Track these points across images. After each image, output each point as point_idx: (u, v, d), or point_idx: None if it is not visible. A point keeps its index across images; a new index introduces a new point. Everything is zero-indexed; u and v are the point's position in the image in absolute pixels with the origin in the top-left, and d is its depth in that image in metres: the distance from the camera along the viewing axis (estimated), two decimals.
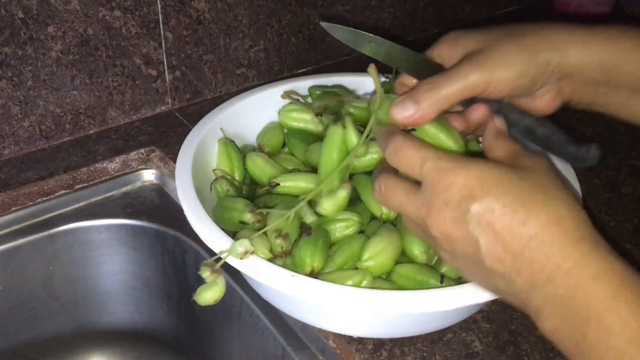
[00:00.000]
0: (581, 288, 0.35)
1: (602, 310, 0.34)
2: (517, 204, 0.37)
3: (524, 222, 0.37)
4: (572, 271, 0.36)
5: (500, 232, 0.38)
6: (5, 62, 0.66)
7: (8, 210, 0.65)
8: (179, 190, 0.52)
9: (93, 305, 0.71)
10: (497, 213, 0.38)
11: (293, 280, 0.44)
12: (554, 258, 0.36)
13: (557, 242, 0.37)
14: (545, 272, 0.37)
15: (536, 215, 0.37)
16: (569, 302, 0.36)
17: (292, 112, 0.63)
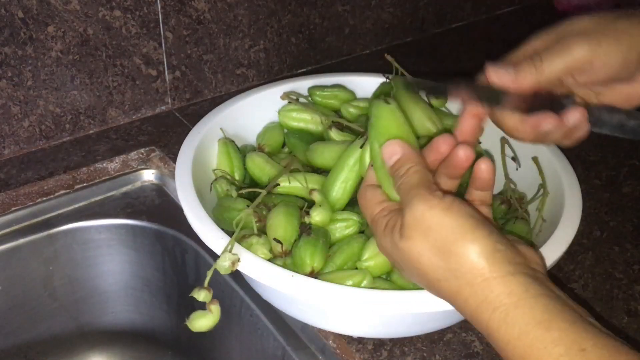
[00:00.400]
0: (502, 351, 0.37)
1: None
2: (430, 288, 0.41)
3: (440, 295, 0.40)
4: (489, 338, 0.37)
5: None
6: (5, 62, 0.66)
7: (8, 210, 0.65)
8: (179, 190, 0.52)
9: (93, 305, 0.71)
10: (425, 287, 0.42)
11: (293, 280, 0.44)
12: (475, 322, 0.38)
13: (465, 312, 0.39)
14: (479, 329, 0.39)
15: (443, 292, 0.40)
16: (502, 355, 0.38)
17: (292, 112, 0.63)
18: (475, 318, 0.38)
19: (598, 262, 0.62)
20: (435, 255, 0.38)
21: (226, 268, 0.45)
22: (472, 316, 0.38)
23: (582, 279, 0.60)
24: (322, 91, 0.65)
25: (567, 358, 0.33)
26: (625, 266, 0.61)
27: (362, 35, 0.95)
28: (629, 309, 0.57)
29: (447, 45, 1.02)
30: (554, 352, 0.34)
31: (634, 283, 0.60)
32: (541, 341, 0.34)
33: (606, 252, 0.63)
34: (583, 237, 0.64)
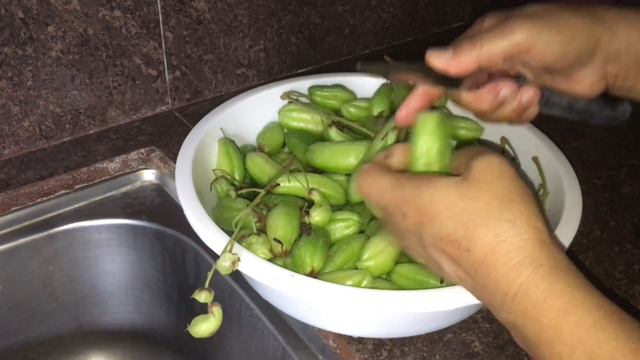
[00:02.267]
0: (528, 316, 0.36)
1: (549, 336, 0.35)
2: (459, 230, 0.38)
3: (468, 249, 0.38)
4: (518, 298, 0.36)
5: (454, 258, 0.39)
6: (5, 62, 0.66)
7: (8, 210, 0.65)
8: (179, 190, 0.52)
9: (93, 305, 0.71)
10: (445, 240, 0.39)
11: (293, 280, 0.44)
12: (501, 285, 0.37)
13: (500, 267, 0.37)
14: (498, 297, 0.37)
15: (477, 240, 0.37)
16: (522, 329, 0.37)
17: (292, 112, 0.63)
18: (511, 273, 0.36)
19: (598, 262, 0.62)
20: (495, 199, 0.38)
21: (226, 268, 0.45)
22: (506, 272, 0.36)
23: None
24: (322, 91, 0.65)
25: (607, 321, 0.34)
26: (625, 266, 0.61)
27: (362, 35, 0.95)
28: (629, 309, 0.57)
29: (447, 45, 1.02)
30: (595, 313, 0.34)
31: (634, 283, 0.60)
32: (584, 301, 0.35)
33: (606, 252, 0.63)
34: (583, 237, 0.64)
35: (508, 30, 0.43)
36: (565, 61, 0.44)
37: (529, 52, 0.43)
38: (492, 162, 0.39)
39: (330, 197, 0.55)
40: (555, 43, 0.43)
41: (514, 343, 0.53)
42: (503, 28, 0.43)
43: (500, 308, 0.38)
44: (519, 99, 0.47)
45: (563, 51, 0.43)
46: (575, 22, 0.43)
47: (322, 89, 0.65)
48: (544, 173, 0.58)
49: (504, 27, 0.43)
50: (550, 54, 0.43)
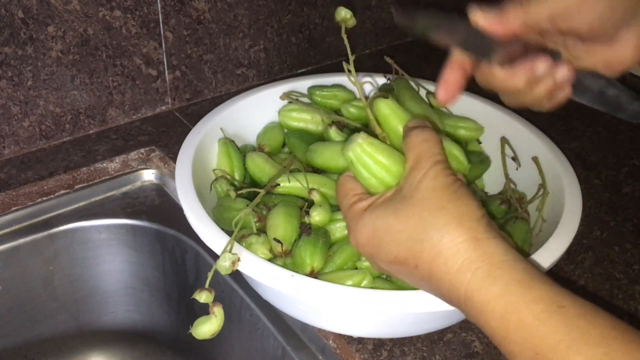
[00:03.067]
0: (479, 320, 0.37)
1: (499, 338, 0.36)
2: (402, 250, 0.40)
3: (416, 266, 0.40)
4: (467, 304, 0.38)
5: (409, 275, 0.41)
6: (5, 62, 0.66)
7: (8, 210, 0.65)
8: (179, 190, 0.52)
9: (93, 305, 0.71)
10: (394, 263, 0.41)
11: (293, 280, 0.44)
12: (452, 292, 0.38)
13: (444, 277, 0.38)
14: (455, 303, 0.39)
15: (419, 256, 0.39)
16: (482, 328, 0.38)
17: (292, 112, 0.63)
18: (454, 281, 0.38)
19: (598, 262, 0.62)
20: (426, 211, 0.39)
21: (226, 268, 0.45)
22: (451, 281, 0.38)
23: (582, 279, 0.60)
24: (322, 91, 0.65)
25: (547, 314, 0.34)
26: (625, 266, 0.61)
27: (362, 35, 0.95)
28: (629, 309, 0.57)
29: None
30: (534, 308, 0.35)
31: (634, 283, 0.60)
32: (522, 299, 0.35)
33: (606, 252, 0.63)
34: (583, 237, 0.64)
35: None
36: (611, 23, 0.43)
37: (578, 12, 0.42)
38: (426, 175, 0.41)
39: (330, 197, 0.55)
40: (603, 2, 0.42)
41: None
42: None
43: (462, 310, 0.39)
44: (555, 77, 0.45)
45: (611, 10, 0.42)
46: None
47: (322, 88, 0.65)
48: (544, 173, 0.58)
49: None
50: (598, 13, 0.42)
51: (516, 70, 0.44)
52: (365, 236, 0.42)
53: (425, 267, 0.39)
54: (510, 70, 0.45)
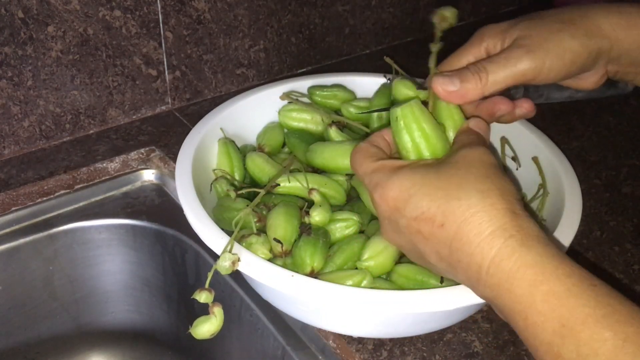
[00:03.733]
0: (502, 288, 0.36)
1: (522, 307, 0.35)
2: (433, 206, 0.39)
3: (442, 225, 0.38)
4: (491, 270, 0.37)
5: (428, 237, 0.40)
6: (5, 62, 0.66)
7: (8, 210, 0.65)
8: (179, 190, 0.52)
9: (93, 305, 0.71)
10: (419, 220, 0.39)
11: (293, 280, 0.44)
12: (475, 257, 0.37)
13: (472, 240, 0.37)
14: (473, 271, 0.38)
15: (450, 214, 0.38)
16: (498, 300, 0.37)
17: (292, 112, 0.63)
18: (484, 244, 0.37)
19: (598, 262, 0.62)
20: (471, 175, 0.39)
21: (226, 268, 0.45)
22: (480, 244, 0.37)
23: None
24: (322, 91, 0.65)
25: (578, 288, 0.34)
26: (625, 266, 0.61)
27: (362, 35, 0.95)
28: None
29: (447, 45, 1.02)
30: (566, 281, 0.34)
31: (634, 283, 0.60)
32: (554, 271, 0.35)
33: (606, 252, 0.63)
34: (583, 237, 0.64)
35: (511, 61, 0.44)
36: (568, 77, 0.46)
37: (533, 80, 0.45)
38: (475, 150, 0.41)
39: (330, 197, 0.55)
40: (558, 69, 0.44)
41: (514, 343, 0.53)
42: (506, 58, 0.44)
43: (477, 282, 0.38)
44: (514, 114, 0.49)
45: (566, 73, 0.45)
46: (575, 46, 0.44)
47: (322, 88, 0.65)
48: (544, 173, 0.58)
49: (507, 57, 0.44)
50: (553, 77, 0.45)
51: (480, 110, 0.48)
52: (396, 189, 0.41)
53: (452, 226, 0.38)
54: (475, 109, 0.48)
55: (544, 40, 0.44)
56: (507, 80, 0.44)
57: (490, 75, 0.44)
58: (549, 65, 0.44)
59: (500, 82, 0.44)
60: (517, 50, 0.44)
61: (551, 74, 0.44)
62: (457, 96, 0.45)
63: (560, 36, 0.44)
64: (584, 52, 0.44)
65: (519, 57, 0.44)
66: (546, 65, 0.44)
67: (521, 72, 0.44)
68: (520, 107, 0.48)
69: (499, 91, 0.46)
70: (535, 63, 0.44)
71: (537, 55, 0.44)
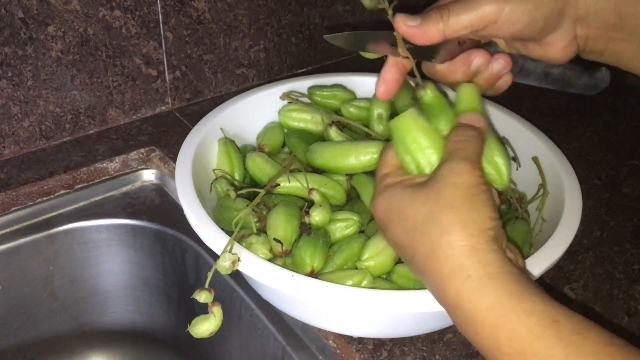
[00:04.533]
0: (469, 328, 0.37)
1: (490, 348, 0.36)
2: (405, 237, 0.40)
3: (413, 256, 0.40)
4: (456, 310, 0.37)
5: (407, 262, 0.42)
6: (5, 62, 0.66)
7: (8, 210, 0.65)
8: (179, 190, 0.52)
9: (93, 305, 0.71)
10: (397, 246, 0.42)
11: (293, 280, 0.44)
12: (442, 293, 0.38)
13: (435, 276, 0.38)
14: (444, 304, 0.39)
15: (417, 248, 0.39)
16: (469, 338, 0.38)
17: (292, 112, 0.63)
18: (444, 285, 0.37)
19: (598, 262, 0.62)
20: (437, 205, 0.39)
21: (226, 268, 0.45)
22: (440, 283, 0.38)
23: (582, 279, 0.60)
24: (322, 91, 0.65)
25: (540, 328, 0.34)
26: (625, 266, 0.61)
27: None
28: (629, 309, 0.57)
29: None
30: (527, 321, 0.34)
31: (634, 283, 0.60)
32: (514, 311, 0.35)
33: (606, 252, 0.63)
34: (583, 237, 0.64)
35: (474, 3, 0.43)
36: (533, 28, 0.44)
37: (495, 22, 0.44)
38: (452, 169, 0.40)
39: (330, 197, 0.55)
40: (521, 12, 0.43)
41: None
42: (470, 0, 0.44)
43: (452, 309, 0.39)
44: (492, 68, 0.48)
45: (530, 19, 0.44)
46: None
47: (322, 88, 0.65)
48: (544, 173, 0.58)
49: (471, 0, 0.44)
50: (517, 23, 0.44)
51: (455, 65, 0.47)
52: (380, 210, 0.42)
53: (420, 260, 0.39)
54: (450, 65, 0.48)
55: None
56: (469, 21, 0.44)
57: (452, 15, 0.44)
58: (511, 7, 0.43)
59: (462, 24, 0.44)
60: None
61: (514, 17, 0.43)
62: (419, 33, 0.44)
63: None
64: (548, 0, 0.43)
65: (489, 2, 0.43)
66: (509, 5, 0.43)
67: (483, 13, 0.43)
68: (497, 60, 0.47)
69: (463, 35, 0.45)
70: (498, 3, 0.43)
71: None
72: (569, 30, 0.45)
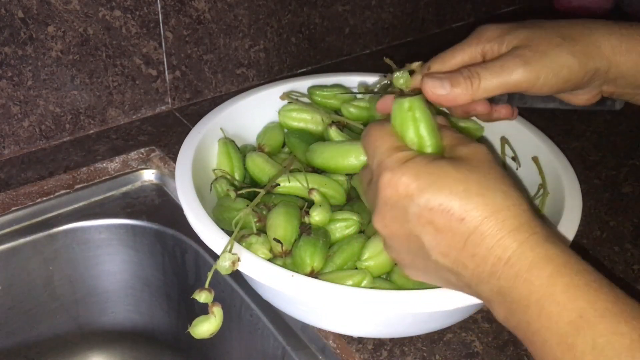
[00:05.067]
0: (520, 278, 0.36)
1: (540, 297, 0.35)
2: (453, 200, 0.37)
3: (462, 219, 0.37)
4: (511, 261, 0.36)
5: (442, 230, 0.38)
6: (5, 62, 0.66)
7: (8, 210, 0.65)
8: (179, 190, 0.52)
9: (93, 305, 0.71)
10: (435, 211, 0.38)
11: (293, 280, 0.44)
12: (494, 250, 0.37)
13: (495, 234, 0.37)
14: (488, 264, 0.37)
15: (473, 209, 0.37)
16: (512, 292, 0.36)
17: (292, 112, 0.63)
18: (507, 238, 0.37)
19: (598, 262, 0.62)
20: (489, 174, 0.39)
21: (226, 268, 0.45)
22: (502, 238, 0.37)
23: None
24: (322, 91, 0.65)
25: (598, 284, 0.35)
26: (625, 266, 0.61)
27: (362, 35, 0.95)
28: None
29: (447, 45, 1.02)
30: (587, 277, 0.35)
31: (634, 283, 0.60)
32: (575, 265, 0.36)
33: (606, 252, 0.63)
34: (583, 237, 0.64)
35: (507, 72, 0.44)
36: (561, 91, 0.46)
37: (525, 91, 0.45)
38: (479, 149, 0.40)
39: (330, 197, 0.55)
40: (552, 84, 0.44)
41: (514, 343, 0.53)
42: (501, 67, 0.44)
43: (488, 277, 0.37)
44: (489, 116, 0.49)
45: (559, 88, 0.45)
46: (572, 64, 0.44)
47: (322, 88, 0.65)
48: (544, 173, 0.58)
49: (502, 66, 0.44)
50: (546, 91, 0.45)
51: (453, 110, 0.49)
52: (411, 176, 0.39)
53: (473, 221, 0.37)
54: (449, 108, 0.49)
55: (542, 53, 0.44)
56: (499, 88, 0.44)
57: (482, 81, 0.44)
58: (543, 79, 0.44)
59: (491, 90, 0.44)
60: (514, 60, 0.44)
61: (544, 88, 0.44)
62: (446, 100, 0.44)
63: (558, 51, 0.44)
64: (580, 70, 0.44)
65: (514, 68, 0.44)
66: (541, 79, 0.44)
67: (514, 82, 0.44)
68: (499, 111, 0.49)
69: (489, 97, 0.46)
70: (530, 76, 0.44)
71: (533, 68, 0.44)
72: (596, 89, 0.47)
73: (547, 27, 0.46)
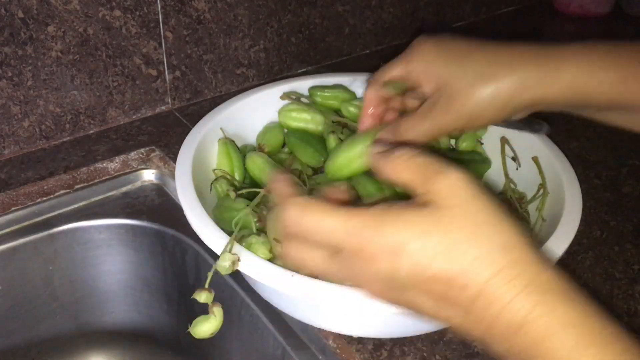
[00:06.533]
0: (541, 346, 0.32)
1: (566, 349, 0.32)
2: (449, 265, 0.33)
3: (464, 285, 0.33)
4: (524, 328, 0.33)
5: (443, 296, 0.34)
6: (5, 62, 0.66)
7: (8, 210, 0.65)
8: (179, 190, 0.52)
9: (93, 305, 0.71)
10: (432, 281, 0.34)
11: (293, 280, 0.44)
12: (503, 316, 0.33)
13: (501, 298, 0.33)
14: (497, 329, 0.34)
15: (473, 274, 0.33)
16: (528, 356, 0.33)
17: (292, 112, 0.63)
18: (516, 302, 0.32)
19: (598, 262, 0.62)
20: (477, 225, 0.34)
21: (226, 268, 0.45)
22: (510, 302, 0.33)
23: (582, 279, 0.60)
24: (322, 91, 0.65)
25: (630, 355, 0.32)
26: (625, 266, 0.61)
27: (362, 35, 0.95)
28: (629, 309, 0.57)
29: None
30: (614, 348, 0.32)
31: (634, 283, 0.60)
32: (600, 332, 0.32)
33: (606, 252, 0.63)
34: (583, 237, 0.64)
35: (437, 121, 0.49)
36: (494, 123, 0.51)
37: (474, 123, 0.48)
38: (455, 184, 0.35)
39: None
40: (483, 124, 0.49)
41: None
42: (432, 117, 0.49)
43: (499, 341, 0.34)
44: None
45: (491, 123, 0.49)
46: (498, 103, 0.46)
47: (323, 89, 0.65)
48: (544, 173, 0.58)
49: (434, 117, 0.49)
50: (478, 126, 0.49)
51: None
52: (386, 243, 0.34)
53: (476, 285, 0.33)
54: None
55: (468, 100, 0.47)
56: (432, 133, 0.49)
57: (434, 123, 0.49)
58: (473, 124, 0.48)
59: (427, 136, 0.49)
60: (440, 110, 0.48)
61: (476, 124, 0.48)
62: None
63: (482, 97, 0.46)
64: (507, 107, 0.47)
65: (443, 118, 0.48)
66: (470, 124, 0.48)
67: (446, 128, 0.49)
68: None
69: None
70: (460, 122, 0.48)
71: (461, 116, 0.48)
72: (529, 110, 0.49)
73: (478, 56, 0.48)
